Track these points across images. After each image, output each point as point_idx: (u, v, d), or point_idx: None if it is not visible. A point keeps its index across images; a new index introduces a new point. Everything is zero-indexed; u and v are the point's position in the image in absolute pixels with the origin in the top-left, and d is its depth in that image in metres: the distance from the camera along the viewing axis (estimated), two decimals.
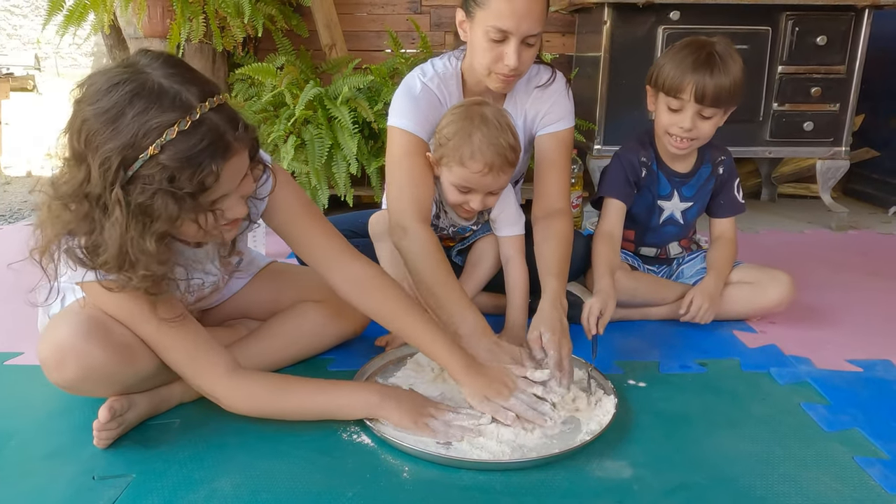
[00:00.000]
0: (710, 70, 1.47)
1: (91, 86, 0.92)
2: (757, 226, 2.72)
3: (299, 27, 2.79)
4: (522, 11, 1.37)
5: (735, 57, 1.51)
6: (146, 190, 0.90)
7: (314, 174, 2.38)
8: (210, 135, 0.92)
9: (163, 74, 0.92)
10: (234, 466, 1.05)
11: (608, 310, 1.43)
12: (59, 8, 2.42)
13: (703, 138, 1.56)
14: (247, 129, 0.98)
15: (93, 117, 0.89)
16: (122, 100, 0.89)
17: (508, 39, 1.40)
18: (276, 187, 1.16)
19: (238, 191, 1.01)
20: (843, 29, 2.47)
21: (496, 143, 1.35)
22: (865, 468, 1.07)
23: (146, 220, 0.92)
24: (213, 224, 0.98)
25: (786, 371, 1.41)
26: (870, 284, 2.01)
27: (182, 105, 0.91)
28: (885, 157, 3.07)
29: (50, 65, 4.89)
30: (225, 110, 0.96)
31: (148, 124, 0.89)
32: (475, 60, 1.46)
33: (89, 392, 1.12)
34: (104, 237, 0.93)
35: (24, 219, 2.71)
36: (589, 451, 1.10)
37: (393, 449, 1.10)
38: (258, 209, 1.17)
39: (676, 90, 1.50)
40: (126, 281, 0.97)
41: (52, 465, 1.06)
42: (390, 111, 1.52)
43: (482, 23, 1.40)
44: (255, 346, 1.31)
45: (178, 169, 0.90)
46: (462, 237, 1.63)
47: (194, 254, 1.17)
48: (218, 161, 0.92)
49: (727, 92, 1.48)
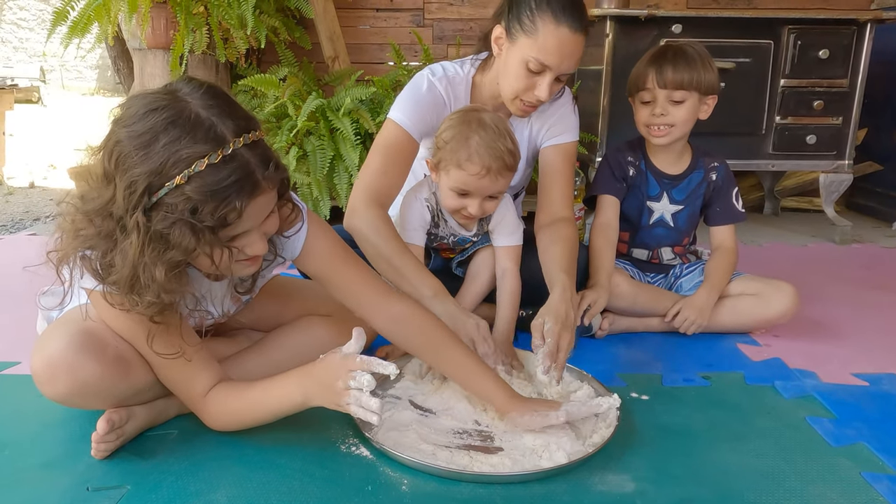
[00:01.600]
0: (667, 58, 1.59)
1: (129, 108, 0.92)
2: (760, 239, 2.70)
3: (302, 39, 2.80)
4: (568, 51, 1.39)
5: (697, 48, 1.61)
6: (167, 218, 0.90)
7: (316, 185, 2.38)
8: (239, 171, 0.91)
9: (202, 105, 0.92)
10: (230, 479, 1.04)
11: (600, 301, 1.46)
12: (64, 19, 2.43)
13: (680, 124, 1.62)
14: (277, 169, 0.97)
15: (126, 139, 0.90)
16: (157, 126, 0.89)
17: (545, 73, 1.41)
18: (310, 237, 1.15)
19: (261, 228, 1.00)
20: (845, 43, 2.47)
21: (494, 147, 1.35)
22: (873, 484, 1.06)
23: (162, 248, 0.91)
24: (228, 261, 0.97)
25: (791, 385, 1.40)
26: (874, 298, 1.99)
27: (215, 138, 0.90)
28: (889, 170, 3.06)
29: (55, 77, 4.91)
30: (259, 147, 0.95)
31: (178, 154, 0.88)
32: (504, 82, 1.47)
33: (83, 405, 1.11)
34: (119, 257, 0.93)
35: (26, 229, 2.71)
36: (591, 464, 1.09)
37: (392, 461, 1.08)
38: (289, 250, 1.16)
39: (642, 83, 1.62)
40: (133, 304, 0.96)
41: (46, 475, 1.05)
42: (393, 104, 1.53)
43: (524, 50, 1.40)
44: (258, 360, 1.29)
45: (201, 202, 0.89)
46: (462, 248, 1.62)
47: (210, 286, 1.16)
48: (244, 198, 0.92)
49: (689, 75, 1.57)
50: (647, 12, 2.35)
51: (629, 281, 1.65)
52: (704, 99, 1.62)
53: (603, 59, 2.46)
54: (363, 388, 0.98)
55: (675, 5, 2.98)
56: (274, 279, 1.42)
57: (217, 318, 1.23)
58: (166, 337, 1.03)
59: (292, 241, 1.14)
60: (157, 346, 1.03)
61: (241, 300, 1.23)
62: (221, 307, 1.21)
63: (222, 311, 1.23)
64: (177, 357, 1.04)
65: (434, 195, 1.52)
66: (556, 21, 1.36)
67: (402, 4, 2.98)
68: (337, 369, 1.01)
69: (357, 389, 0.98)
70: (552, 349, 1.25)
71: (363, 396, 0.98)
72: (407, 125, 1.48)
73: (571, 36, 1.38)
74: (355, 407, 0.99)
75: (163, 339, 1.03)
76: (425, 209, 1.52)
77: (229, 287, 1.20)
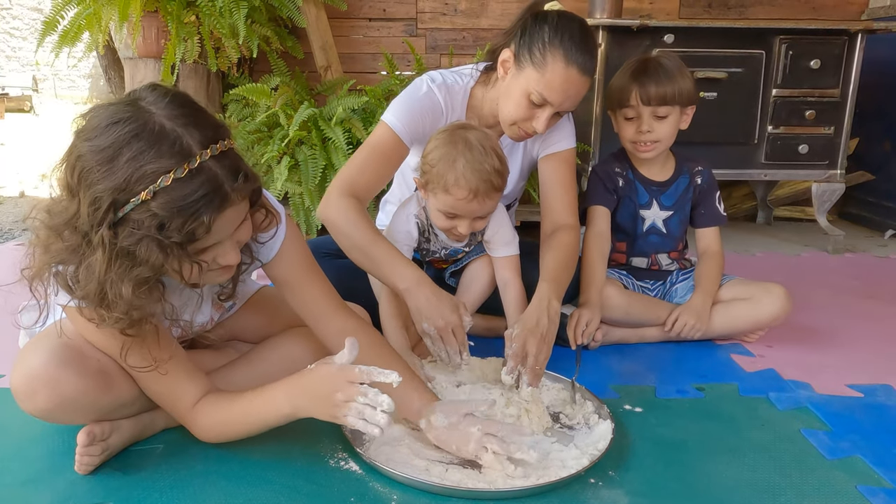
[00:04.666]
0: (648, 74, 1.59)
1: (92, 119, 0.89)
2: (753, 248, 2.70)
3: (294, 49, 2.79)
4: (573, 92, 1.40)
5: (673, 59, 1.62)
6: (133, 234, 0.87)
7: (308, 195, 2.37)
8: (207, 185, 0.88)
9: (166, 115, 0.89)
10: (216, 494, 1.02)
11: (594, 321, 1.46)
12: (54, 28, 2.42)
13: (665, 139, 1.63)
14: (247, 180, 0.94)
15: (88, 154, 0.87)
16: (120, 140, 0.86)
17: (545, 107, 1.41)
18: (286, 241, 1.14)
19: (233, 237, 0.98)
20: (836, 53, 2.48)
21: (480, 169, 1.31)
22: (869, 497, 1.04)
23: (129, 264, 0.89)
24: (199, 273, 0.95)
25: (785, 396, 1.38)
26: (868, 308, 1.99)
27: (181, 151, 0.87)
28: (881, 180, 3.07)
29: (48, 86, 4.89)
30: (227, 158, 0.92)
31: (143, 169, 0.86)
32: (503, 106, 1.47)
33: (65, 420, 1.08)
34: (84, 272, 0.90)
35: (15, 238, 2.68)
36: (584, 479, 1.07)
37: (382, 476, 1.07)
38: (265, 253, 1.14)
39: (625, 100, 1.61)
40: (101, 319, 0.93)
41: (27, 492, 1.03)
42: (388, 106, 1.52)
43: (529, 81, 1.39)
44: (246, 371, 1.27)
45: (168, 217, 0.86)
46: (455, 259, 1.61)
47: (190, 295, 1.14)
48: (212, 212, 0.89)
49: (671, 90, 1.58)
50: (640, 22, 2.35)
51: (621, 292, 1.64)
52: (685, 110, 1.63)
53: (595, 68, 2.46)
54: (378, 408, 0.95)
55: (668, 16, 2.99)
56: (261, 291, 1.41)
57: (203, 325, 1.21)
58: (140, 350, 1.00)
59: (269, 245, 1.13)
60: (132, 359, 1.00)
61: (223, 307, 1.21)
62: (204, 315, 1.19)
63: (207, 319, 1.21)
64: (151, 370, 1.02)
65: (424, 210, 1.50)
66: (567, 60, 1.36)
67: (395, 14, 2.98)
68: (334, 380, 0.98)
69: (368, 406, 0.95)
70: (517, 352, 1.27)
71: (367, 410, 0.95)
72: (398, 129, 1.46)
73: (579, 78, 1.38)
74: (355, 419, 0.96)
75: (137, 352, 1.00)
76: (413, 226, 1.50)
77: (209, 295, 1.17)
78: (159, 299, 0.97)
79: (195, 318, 1.17)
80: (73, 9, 2.43)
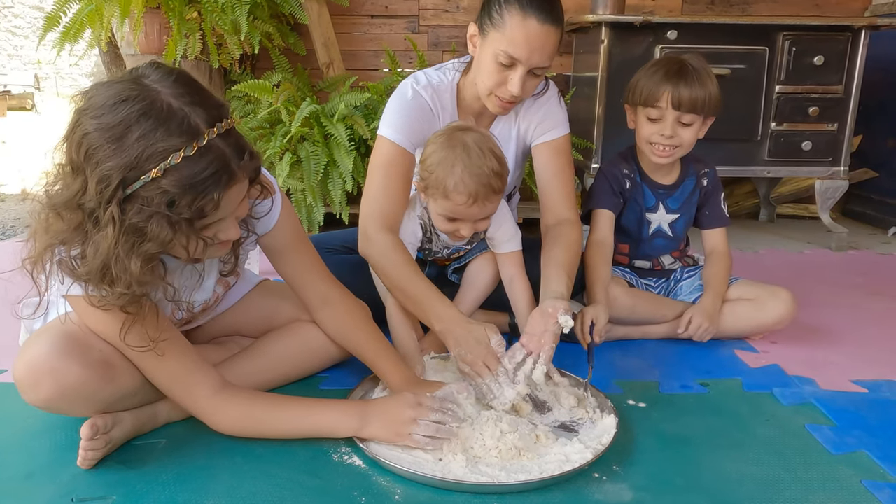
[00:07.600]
0: (684, 78, 1.54)
1: (95, 97, 0.89)
2: (757, 246, 2.69)
3: (297, 45, 2.78)
4: (536, 44, 1.37)
5: (707, 69, 1.57)
6: (143, 211, 0.88)
7: (310, 191, 2.36)
8: (216, 163, 0.90)
9: (172, 94, 0.90)
10: (219, 488, 1.01)
11: (601, 319, 1.45)
12: (55, 25, 2.41)
13: (685, 146, 1.60)
14: (252, 158, 0.97)
15: (95, 131, 0.87)
16: (129, 118, 0.87)
17: (516, 67, 1.39)
18: (283, 214, 1.18)
19: (233, 214, 0.99)
20: (839, 49, 2.47)
21: (479, 173, 1.30)
22: (874, 492, 1.04)
23: (137, 240, 0.90)
24: (202, 250, 0.97)
25: (789, 392, 1.38)
26: (872, 304, 1.98)
27: (190, 129, 0.89)
28: (884, 177, 3.06)
29: (50, 85, 4.90)
30: (232, 136, 0.94)
31: (154, 147, 0.87)
32: (478, 79, 1.45)
33: (68, 412, 1.08)
34: (90, 249, 0.90)
35: (16, 236, 2.68)
36: (588, 473, 1.07)
37: (385, 470, 1.06)
38: (262, 226, 1.17)
39: (654, 100, 1.56)
40: (103, 296, 0.94)
41: (30, 486, 1.02)
42: (381, 119, 1.51)
43: (493, 44, 1.38)
44: (248, 365, 1.28)
45: (178, 194, 0.88)
46: (457, 256, 1.60)
47: (191, 271, 1.14)
48: (220, 189, 0.91)
49: (702, 98, 1.53)
50: (643, 19, 2.35)
51: (627, 291, 1.63)
52: (706, 121, 1.60)
53: (598, 65, 2.45)
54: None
55: (671, 12, 2.98)
56: (263, 284, 1.41)
57: (207, 301, 1.23)
58: (140, 329, 1.01)
59: (267, 217, 1.16)
60: (131, 338, 1.00)
61: (229, 284, 1.26)
62: (206, 292, 1.20)
63: (210, 295, 1.22)
64: (149, 350, 1.02)
65: (426, 210, 1.49)
66: (523, 13, 1.34)
67: (397, 11, 2.98)
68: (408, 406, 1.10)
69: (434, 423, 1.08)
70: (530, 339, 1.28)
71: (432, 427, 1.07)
72: (399, 139, 1.45)
73: (539, 28, 1.35)
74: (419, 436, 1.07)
75: (136, 332, 1.00)
76: (417, 226, 1.50)
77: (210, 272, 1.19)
78: (162, 277, 0.98)
79: (196, 297, 1.18)
80: (74, 5, 2.42)
